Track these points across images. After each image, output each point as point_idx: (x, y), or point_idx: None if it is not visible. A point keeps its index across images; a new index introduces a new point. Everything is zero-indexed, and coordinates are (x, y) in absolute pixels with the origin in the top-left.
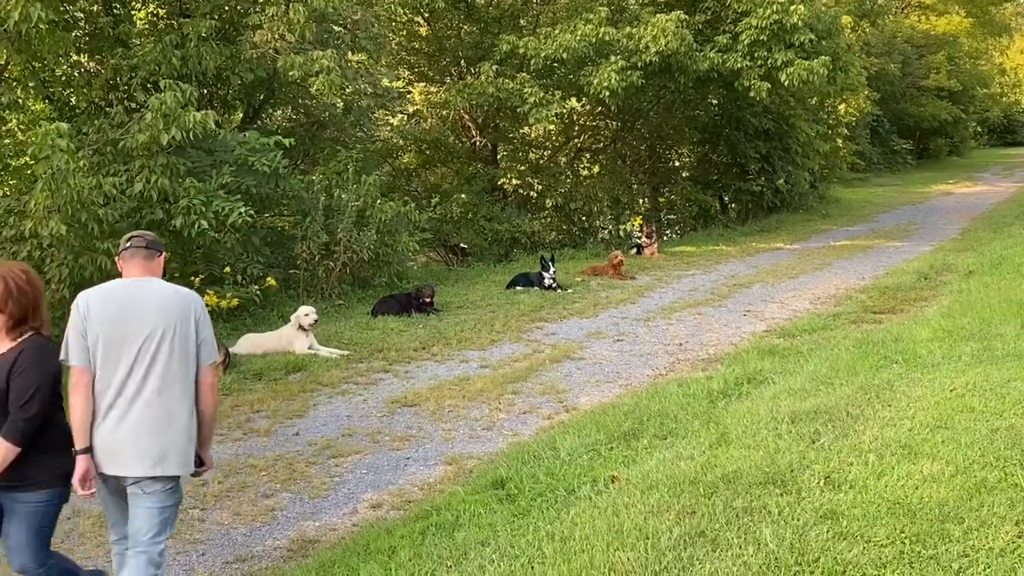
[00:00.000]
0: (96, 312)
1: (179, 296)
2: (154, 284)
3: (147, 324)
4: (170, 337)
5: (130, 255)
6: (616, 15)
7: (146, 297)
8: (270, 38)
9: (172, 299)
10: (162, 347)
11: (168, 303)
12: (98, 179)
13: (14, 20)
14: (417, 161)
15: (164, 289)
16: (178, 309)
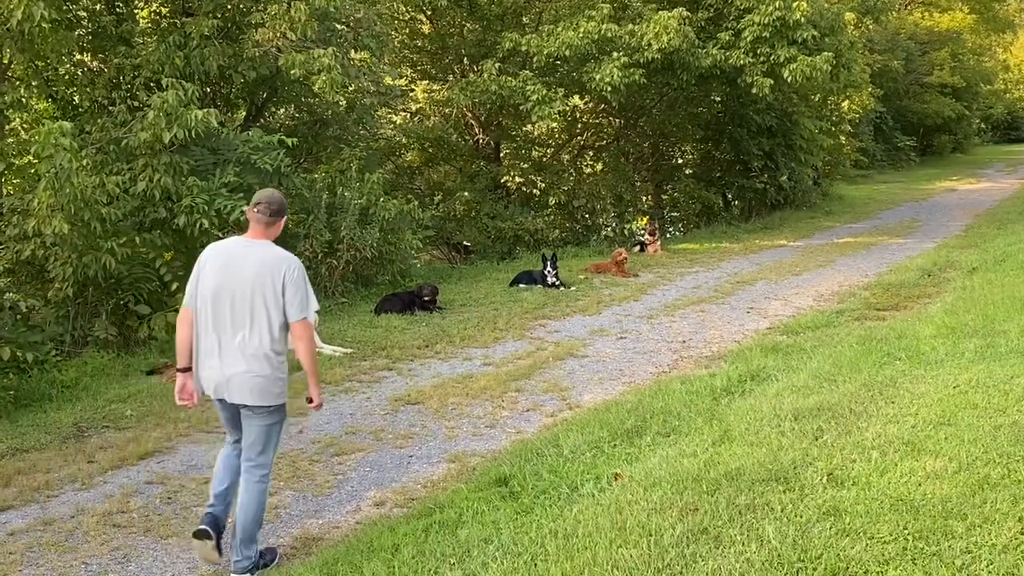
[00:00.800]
0: (210, 264)
1: (276, 259)
2: (258, 247)
3: (245, 280)
4: (260, 292)
5: (254, 219)
6: (618, 12)
7: (249, 257)
8: (272, 36)
9: (269, 261)
10: (255, 299)
11: (264, 264)
12: (101, 178)
13: (17, 19)
14: (420, 159)
15: (265, 252)
16: (270, 270)
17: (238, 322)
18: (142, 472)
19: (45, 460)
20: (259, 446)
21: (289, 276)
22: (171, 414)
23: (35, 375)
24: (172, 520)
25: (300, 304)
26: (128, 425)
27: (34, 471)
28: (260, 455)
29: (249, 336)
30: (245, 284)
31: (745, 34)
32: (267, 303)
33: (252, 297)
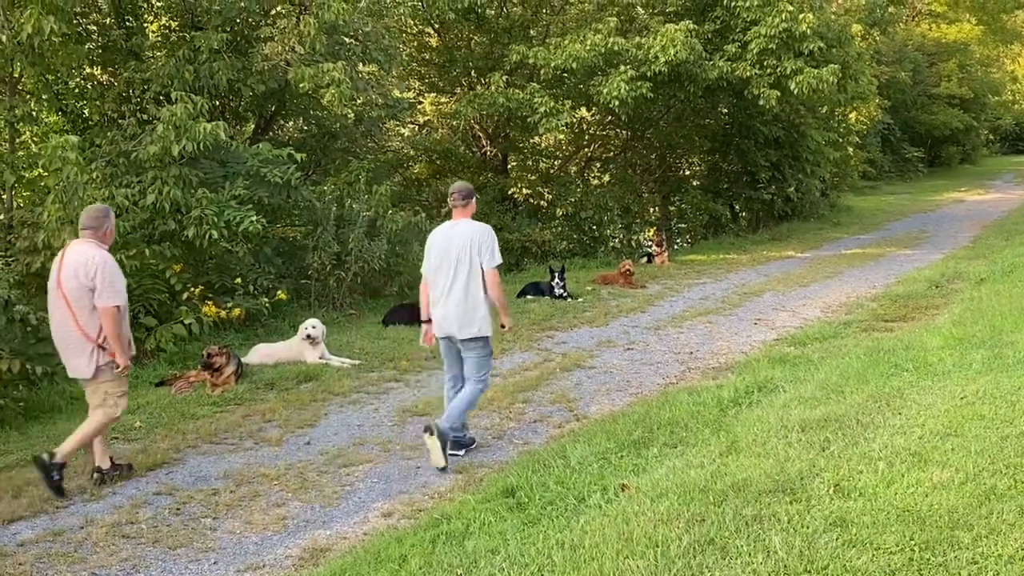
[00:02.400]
0: (432, 242)
1: (473, 230)
2: (462, 224)
3: (455, 249)
4: (466, 255)
5: (455, 206)
6: (625, 25)
7: (455, 232)
8: (281, 50)
9: (468, 233)
10: (463, 261)
11: (465, 236)
12: (111, 190)
13: (28, 33)
14: (428, 171)
15: (466, 227)
16: (469, 239)
17: (452, 277)
18: (151, 483)
19: None
20: (476, 369)
21: (482, 239)
22: (179, 426)
23: (44, 387)
24: (181, 531)
25: (489, 257)
26: (137, 436)
27: (43, 482)
28: (478, 372)
29: (460, 287)
30: (457, 248)
31: (752, 46)
32: (471, 261)
33: (462, 257)
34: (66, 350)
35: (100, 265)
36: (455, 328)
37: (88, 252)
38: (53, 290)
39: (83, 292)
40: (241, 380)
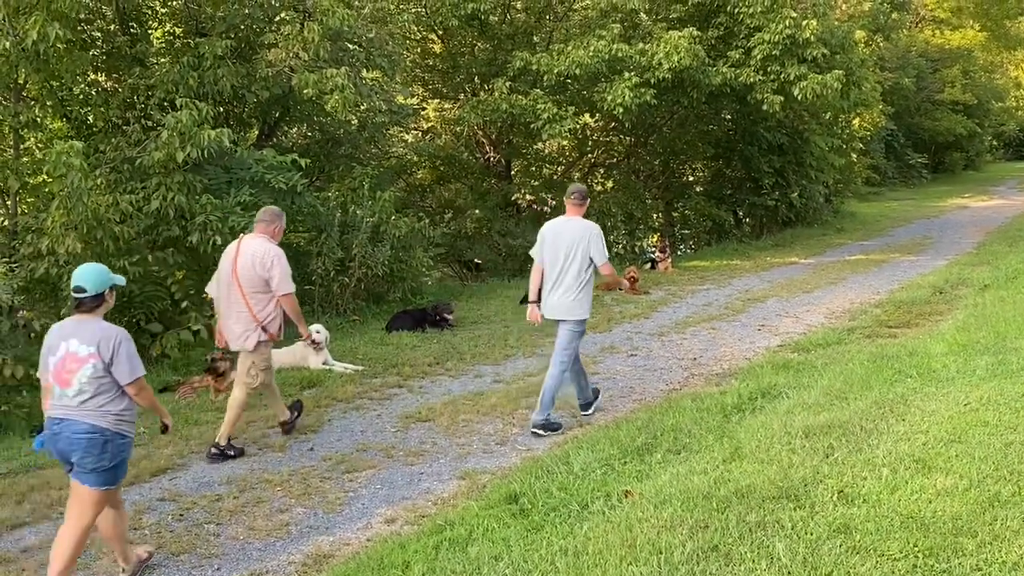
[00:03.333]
0: (545, 234)
1: (583, 227)
2: (573, 221)
3: (564, 244)
4: (576, 250)
5: (570, 203)
6: (629, 32)
7: (567, 228)
8: (285, 56)
9: (579, 230)
10: (573, 255)
11: (576, 232)
12: (115, 197)
13: (32, 39)
14: (431, 177)
15: (577, 223)
16: (580, 234)
17: (566, 267)
18: (154, 489)
19: (58, 477)
20: (566, 342)
21: (591, 236)
22: (183, 432)
23: None
24: (184, 537)
25: (599, 253)
26: (141, 442)
27: (47, 488)
28: (566, 347)
29: (568, 277)
30: (566, 245)
31: (755, 52)
32: (580, 255)
33: (569, 252)
34: (234, 327)
35: (275, 258)
36: (562, 314)
37: (264, 246)
38: (227, 276)
39: (257, 280)
40: None
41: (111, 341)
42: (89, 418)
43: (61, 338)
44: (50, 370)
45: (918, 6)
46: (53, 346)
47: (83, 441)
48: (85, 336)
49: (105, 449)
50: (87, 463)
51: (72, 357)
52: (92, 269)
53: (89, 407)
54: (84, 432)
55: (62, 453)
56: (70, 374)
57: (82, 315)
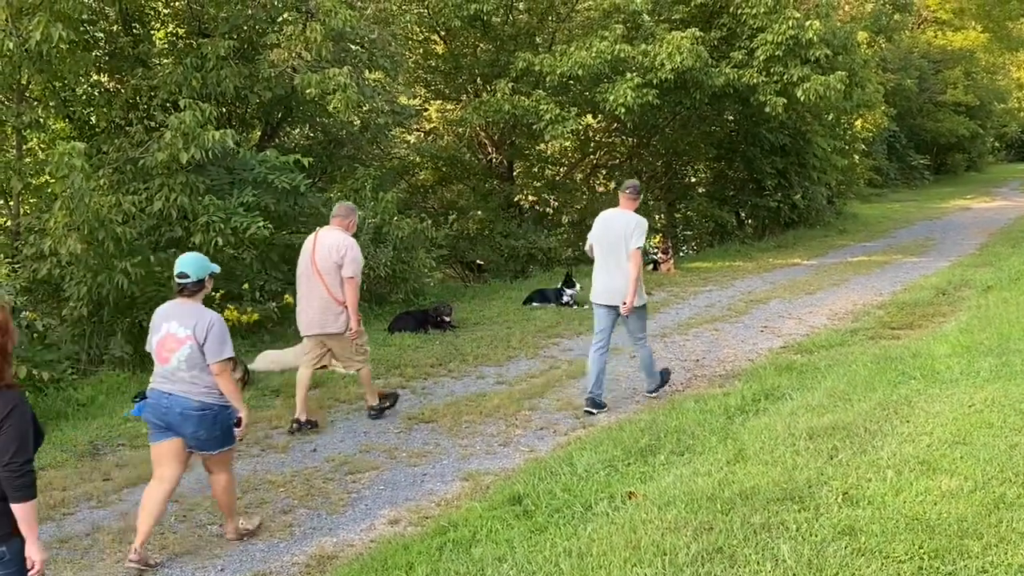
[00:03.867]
0: (598, 225)
1: (626, 219)
2: (620, 213)
3: (613, 234)
4: (619, 240)
5: (624, 197)
6: (631, 32)
7: (618, 219)
8: (288, 57)
9: (623, 221)
10: (617, 245)
11: (620, 224)
12: (117, 197)
13: (35, 40)
14: (434, 178)
15: (622, 215)
16: (625, 225)
17: (611, 255)
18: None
19: (61, 478)
20: (637, 330)
21: (634, 227)
22: None
23: (51, 393)
24: (187, 538)
25: (637, 240)
26: (144, 443)
27: (50, 488)
28: (640, 333)
29: (617, 264)
30: (614, 233)
31: (758, 53)
32: (625, 244)
33: (617, 241)
34: (318, 314)
35: (348, 248)
36: (608, 297)
37: (339, 237)
38: (307, 266)
39: (334, 268)
40: (247, 387)
41: (205, 324)
42: (197, 395)
43: (163, 319)
44: (153, 348)
45: (920, 7)
46: (156, 326)
47: (195, 417)
48: (184, 319)
49: (215, 421)
50: (202, 435)
51: (171, 337)
52: (194, 257)
53: (189, 382)
54: (195, 409)
55: (169, 424)
56: (169, 352)
57: (183, 299)
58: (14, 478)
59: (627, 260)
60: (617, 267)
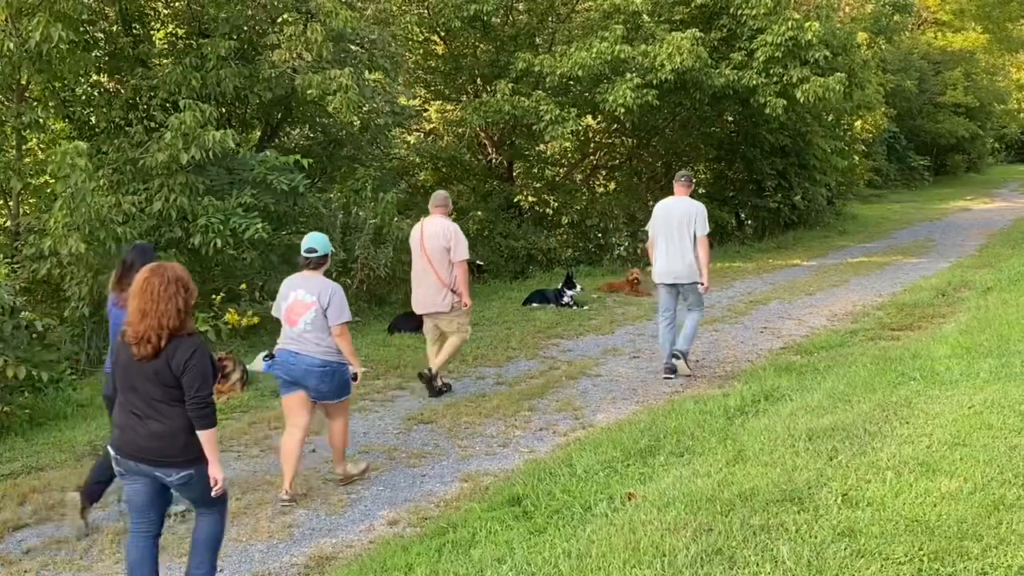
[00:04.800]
0: (659, 212)
1: (686, 205)
2: (679, 200)
3: (675, 220)
4: (681, 225)
5: (678, 185)
6: (631, 33)
7: (675, 206)
8: (288, 57)
9: (684, 208)
10: (682, 229)
11: (681, 210)
12: (117, 197)
13: (35, 40)
14: (434, 178)
15: (682, 202)
16: (686, 211)
17: (673, 239)
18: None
19: (60, 478)
20: (696, 303)
21: (696, 213)
22: None
23: (50, 394)
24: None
25: (701, 228)
26: None
27: (49, 489)
28: (697, 306)
29: (679, 247)
30: (676, 219)
31: (758, 54)
32: (687, 229)
33: (679, 226)
34: (426, 295)
35: (454, 232)
36: (684, 278)
37: (444, 223)
38: (418, 251)
39: (442, 252)
40: (246, 387)
41: (328, 292)
42: (318, 353)
43: (291, 288)
44: (282, 313)
45: (920, 8)
46: (284, 295)
47: (317, 372)
48: (310, 287)
49: (333, 376)
50: (323, 388)
51: (299, 303)
52: (321, 236)
53: (313, 342)
54: (317, 366)
55: (295, 378)
56: (297, 316)
57: (309, 271)
58: (199, 409)
59: (690, 243)
60: (679, 250)
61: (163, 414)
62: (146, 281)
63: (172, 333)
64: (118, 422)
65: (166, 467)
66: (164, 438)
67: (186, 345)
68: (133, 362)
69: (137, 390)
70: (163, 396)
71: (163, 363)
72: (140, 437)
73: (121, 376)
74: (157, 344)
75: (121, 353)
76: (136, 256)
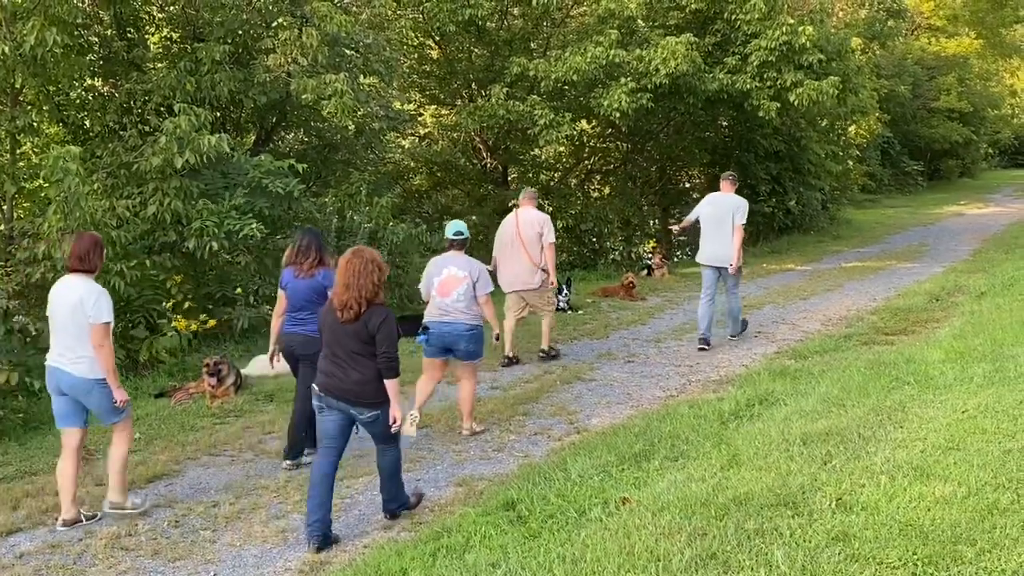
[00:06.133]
0: (706, 203)
1: (732, 199)
2: (725, 195)
3: (722, 211)
4: (726, 215)
5: (725, 183)
6: (626, 37)
7: (724, 200)
8: (283, 62)
9: (730, 200)
10: (726, 219)
11: (728, 202)
12: (111, 201)
13: (30, 44)
14: (428, 183)
15: (728, 197)
16: (732, 205)
17: (721, 228)
18: (151, 495)
19: (54, 483)
20: (734, 285)
21: (739, 206)
22: (179, 437)
23: (44, 398)
24: (180, 544)
25: (741, 218)
26: (136, 448)
27: (43, 494)
28: (734, 286)
29: (725, 235)
30: (722, 210)
31: (752, 59)
32: (732, 220)
33: (725, 216)
34: (519, 274)
35: (546, 221)
36: (724, 261)
37: (537, 213)
38: (512, 237)
39: (535, 237)
40: (240, 392)
41: (476, 268)
42: (466, 319)
43: (442, 266)
44: (435, 286)
45: (914, 14)
46: (437, 271)
47: (465, 335)
48: (460, 264)
49: (478, 339)
50: (471, 348)
51: (452, 278)
52: (462, 222)
53: (462, 310)
54: (465, 330)
55: (447, 344)
56: (450, 288)
57: (456, 251)
58: (387, 362)
59: (732, 231)
60: (723, 236)
61: (362, 365)
62: (349, 262)
63: (369, 302)
64: (323, 369)
65: (360, 406)
66: (361, 384)
67: (379, 312)
68: (338, 324)
69: (341, 345)
70: (361, 350)
71: (362, 325)
72: (342, 382)
73: (328, 334)
74: (358, 310)
75: (327, 317)
76: (310, 238)
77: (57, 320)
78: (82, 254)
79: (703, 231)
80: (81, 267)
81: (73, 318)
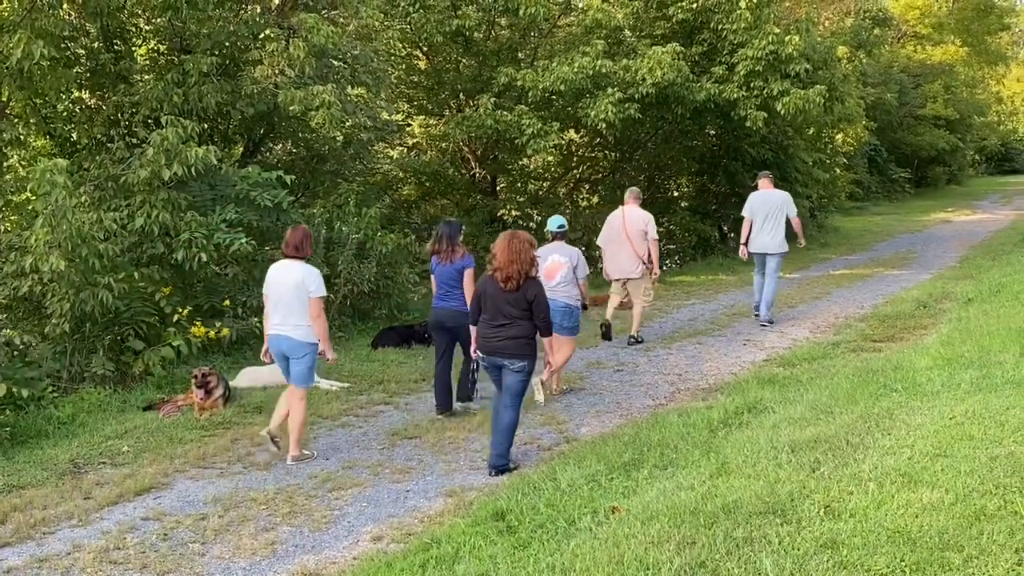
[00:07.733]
0: (756, 199)
1: (780, 194)
2: (771, 192)
3: (771, 205)
4: (777, 208)
5: (766, 181)
6: (613, 48)
7: (771, 195)
8: (270, 73)
9: (778, 196)
10: (777, 214)
11: (777, 197)
12: (99, 214)
13: (16, 57)
14: (417, 193)
15: (775, 192)
16: (781, 199)
17: (771, 220)
18: (139, 508)
19: (42, 497)
20: (775, 269)
21: (788, 202)
22: (167, 450)
23: (32, 411)
24: (169, 556)
25: (792, 210)
26: (125, 461)
27: (31, 508)
28: (776, 270)
29: (775, 226)
30: (772, 205)
31: (739, 68)
32: (782, 213)
33: (775, 209)
34: (624, 264)
35: (649, 219)
36: (773, 249)
37: (641, 212)
38: (618, 231)
39: (639, 232)
40: (229, 403)
41: (575, 255)
42: (564, 298)
43: (548, 254)
44: (543, 270)
45: (900, 22)
46: (544, 258)
47: (562, 311)
48: (562, 252)
49: (574, 316)
50: (567, 324)
51: (556, 264)
52: (562, 217)
53: (563, 291)
54: (563, 307)
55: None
56: (555, 271)
57: (558, 241)
58: (544, 323)
59: (783, 223)
60: (772, 228)
61: (518, 325)
62: (509, 242)
63: (526, 275)
64: (483, 333)
65: (512, 358)
66: (516, 339)
67: (535, 284)
68: (501, 293)
69: (501, 311)
70: (519, 315)
71: (521, 295)
72: (499, 340)
73: (490, 303)
74: (518, 281)
75: (489, 287)
76: (451, 230)
77: (279, 295)
78: (297, 243)
79: (755, 225)
80: (296, 254)
81: (296, 293)
